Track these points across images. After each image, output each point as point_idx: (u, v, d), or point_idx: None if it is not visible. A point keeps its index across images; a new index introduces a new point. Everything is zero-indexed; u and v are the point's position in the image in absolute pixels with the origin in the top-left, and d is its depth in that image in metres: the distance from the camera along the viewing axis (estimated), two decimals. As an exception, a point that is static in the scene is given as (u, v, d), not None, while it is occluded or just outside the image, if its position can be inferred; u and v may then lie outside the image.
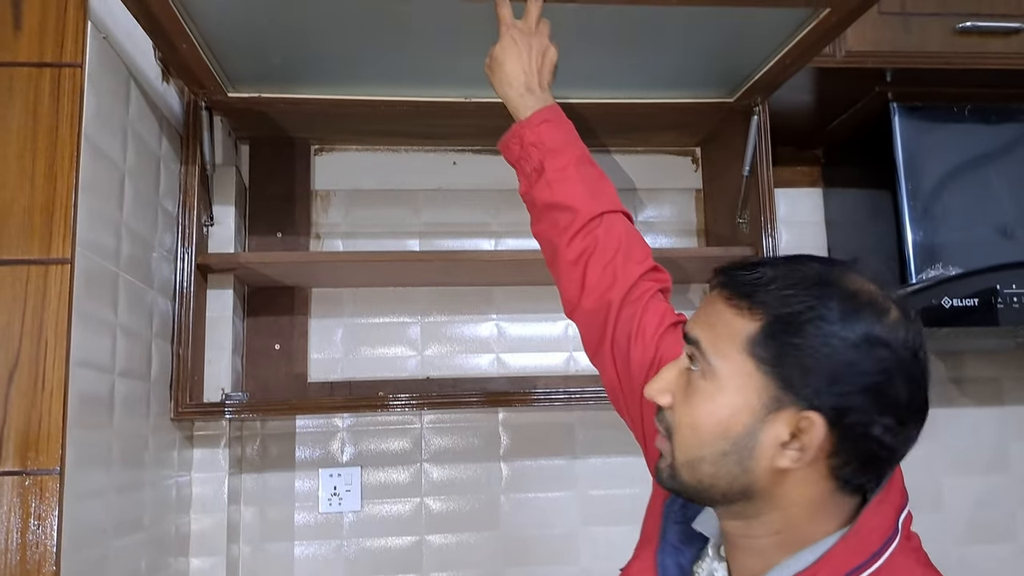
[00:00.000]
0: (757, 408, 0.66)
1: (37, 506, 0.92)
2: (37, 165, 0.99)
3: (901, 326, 0.65)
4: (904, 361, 0.64)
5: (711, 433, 0.68)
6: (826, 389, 0.63)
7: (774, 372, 0.65)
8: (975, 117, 1.60)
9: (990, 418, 1.80)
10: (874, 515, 0.67)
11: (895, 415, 0.64)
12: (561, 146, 1.03)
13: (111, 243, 1.11)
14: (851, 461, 0.65)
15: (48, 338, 0.96)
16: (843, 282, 0.66)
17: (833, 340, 0.63)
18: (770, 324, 0.66)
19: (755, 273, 0.68)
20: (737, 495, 0.69)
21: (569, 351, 1.72)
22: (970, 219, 1.56)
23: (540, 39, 1.06)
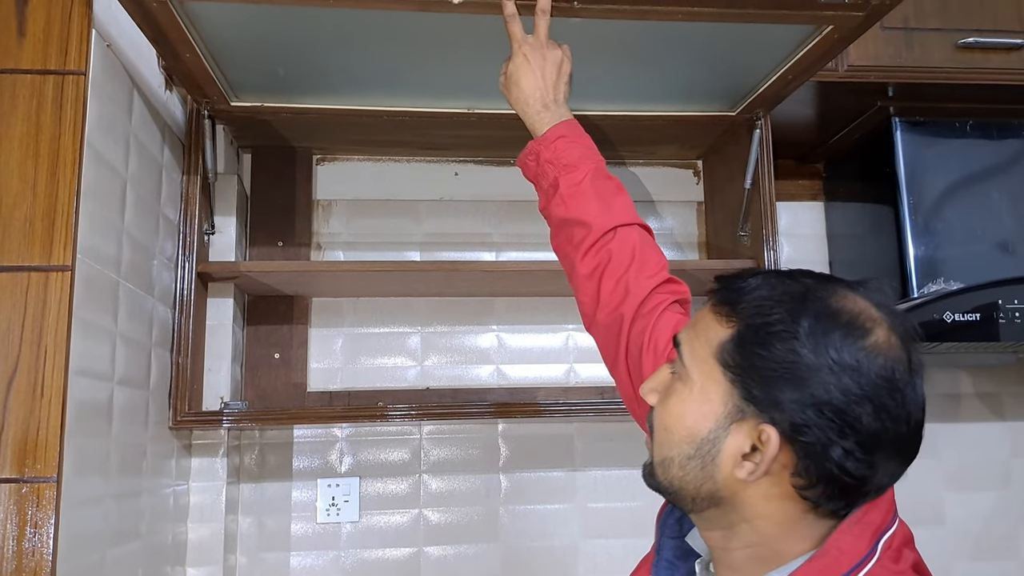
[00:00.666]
0: (721, 416, 0.66)
1: (34, 514, 0.92)
2: (39, 172, 0.99)
3: (880, 353, 0.63)
4: (873, 388, 0.62)
5: (679, 435, 0.69)
6: (785, 404, 0.63)
7: (738, 381, 0.66)
8: (976, 132, 1.60)
9: (991, 433, 1.79)
10: (845, 536, 0.65)
11: (858, 442, 0.62)
12: (576, 161, 1.03)
13: (112, 251, 1.11)
14: (815, 483, 0.64)
15: (48, 345, 0.95)
16: (827, 299, 0.65)
17: (795, 356, 0.63)
18: (740, 332, 0.66)
19: (744, 282, 0.69)
20: (705, 501, 0.69)
21: (569, 363, 1.72)
22: (971, 234, 1.56)
23: (553, 52, 1.05)
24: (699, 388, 0.68)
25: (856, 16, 1.09)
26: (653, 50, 1.21)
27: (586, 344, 1.72)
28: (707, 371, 0.68)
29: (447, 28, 1.12)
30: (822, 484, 0.63)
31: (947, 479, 1.77)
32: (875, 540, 0.65)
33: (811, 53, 1.18)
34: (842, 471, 0.62)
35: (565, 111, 1.07)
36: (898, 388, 0.62)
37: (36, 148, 0.99)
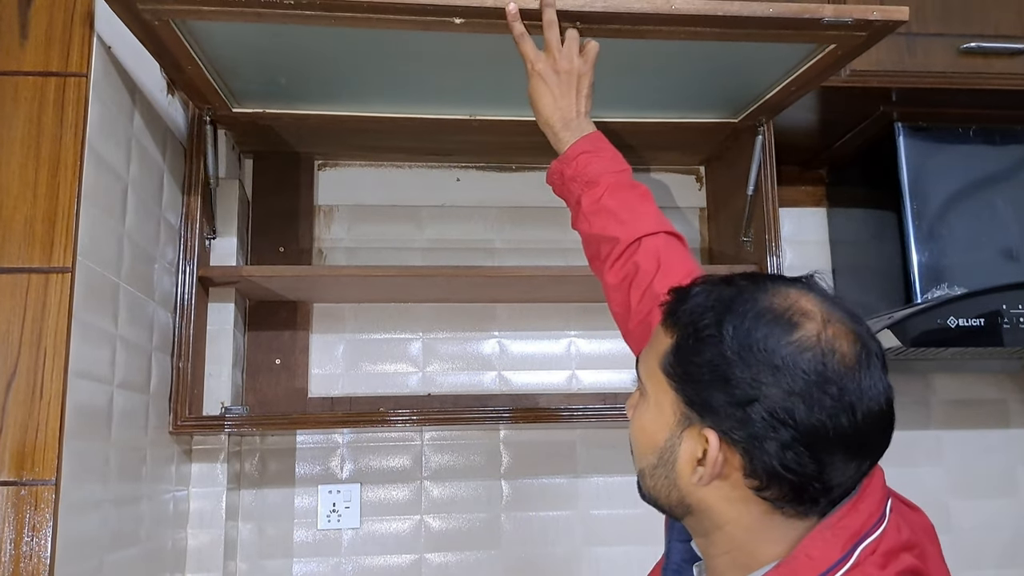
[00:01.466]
0: (673, 424, 0.68)
1: (32, 517, 0.91)
2: (40, 174, 0.99)
3: (808, 348, 0.63)
4: (803, 383, 0.62)
5: (643, 446, 0.72)
6: (718, 407, 0.64)
7: (680, 389, 0.68)
8: (980, 138, 1.60)
9: (997, 440, 1.78)
10: (815, 542, 0.65)
11: (795, 439, 0.62)
12: (597, 176, 1.03)
13: (112, 254, 1.11)
14: (767, 484, 0.64)
15: (47, 347, 0.95)
16: (756, 300, 0.66)
17: (721, 359, 0.64)
18: (677, 342, 0.69)
19: (687, 292, 0.71)
20: (678, 509, 0.71)
21: (572, 369, 1.71)
22: (975, 240, 1.55)
23: (567, 67, 1.03)
24: (653, 400, 0.71)
25: (859, 36, 1.09)
26: (655, 62, 1.22)
27: (588, 350, 1.71)
28: (656, 382, 0.70)
29: (449, 38, 1.12)
30: (775, 484, 0.64)
31: (952, 486, 1.75)
32: (850, 546, 0.64)
33: (814, 67, 1.19)
34: (787, 469, 0.63)
35: (586, 125, 1.05)
36: (831, 381, 0.62)
37: (37, 150, 0.99)
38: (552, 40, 1.03)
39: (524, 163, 1.73)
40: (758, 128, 1.46)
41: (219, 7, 1.00)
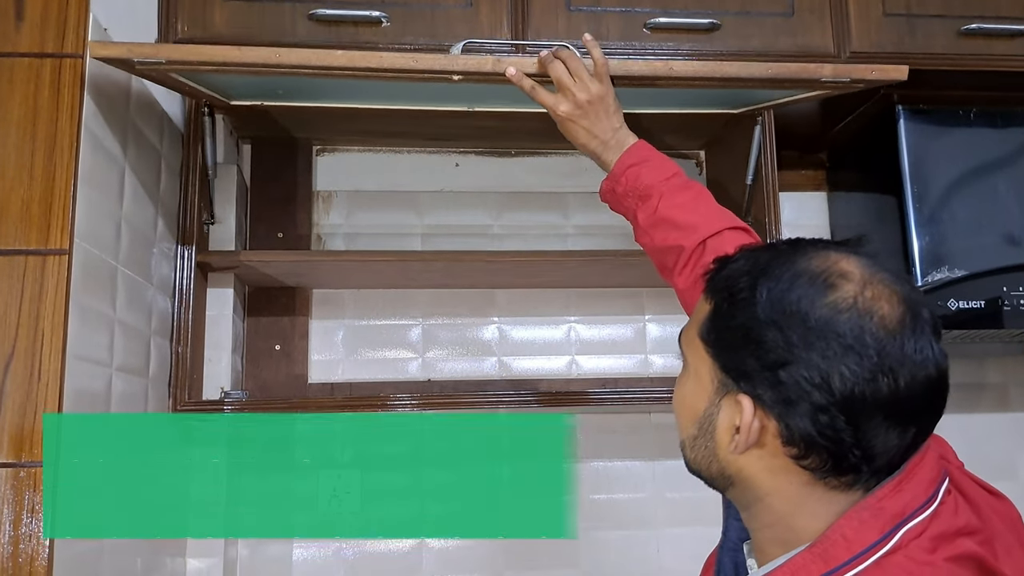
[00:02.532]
0: (711, 392, 0.67)
1: (31, 498, 0.91)
2: (36, 155, 0.98)
3: (845, 309, 0.60)
4: (838, 346, 0.60)
5: (684, 417, 0.72)
6: (752, 372, 0.63)
7: (716, 355, 0.67)
8: (981, 121, 1.59)
9: (998, 425, 1.78)
10: (851, 521, 0.62)
11: (832, 403, 0.60)
12: (648, 188, 1.02)
13: (110, 237, 1.11)
14: (806, 451, 0.62)
15: (45, 329, 0.95)
16: (792, 262, 0.64)
17: (754, 322, 0.63)
18: (714, 308, 0.68)
19: (728, 259, 0.70)
20: (719, 480, 0.70)
21: (572, 354, 1.71)
22: (976, 223, 1.55)
23: (587, 96, 1.04)
24: (693, 370, 0.70)
25: (857, 85, 1.15)
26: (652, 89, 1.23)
27: (588, 336, 1.71)
28: (695, 351, 0.70)
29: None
30: (813, 452, 0.62)
31: (952, 471, 1.75)
32: (891, 527, 0.61)
33: (814, 96, 1.25)
34: (822, 435, 0.61)
35: (626, 138, 1.06)
36: (867, 344, 0.59)
37: (33, 131, 0.99)
38: (564, 79, 1.04)
39: (524, 148, 1.72)
40: (757, 116, 1.46)
41: (218, 66, 1.07)
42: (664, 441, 1.67)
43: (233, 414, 1.33)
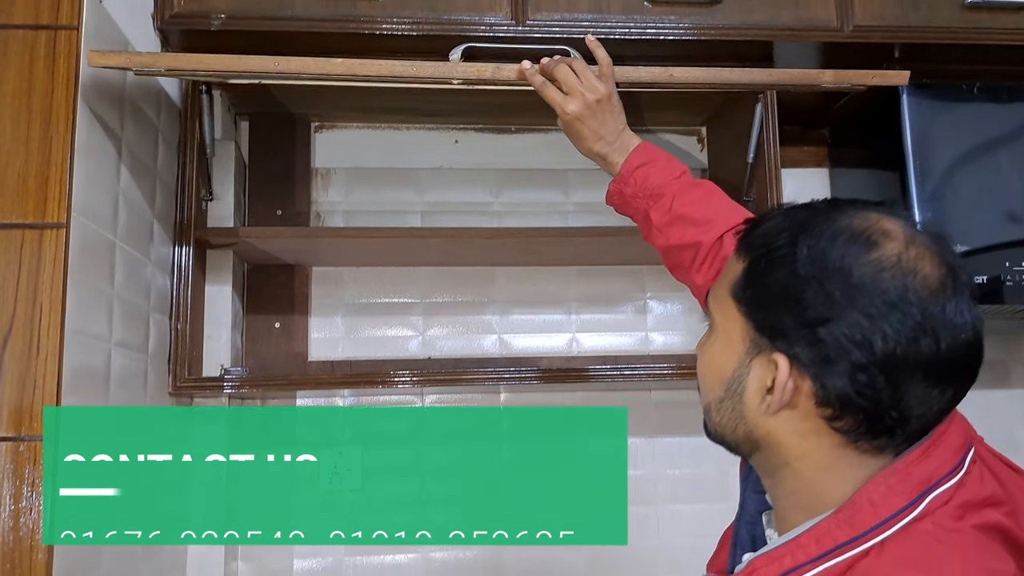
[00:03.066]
0: (742, 353, 0.66)
1: (31, 472, 0.91)
2: (32, 128, 0.97)
3: (887, 268, 0.59)
4: (881, 304, 0.58)
5: (710, 380, 0.70)
6: (788, 330, 0.61)
7: (749, 313, 0.65)
8: (984, 96, 1.57)
9: (998, 401, 1.78)
10: (878, 487, 0.61)
11: (871, 362, 0.58)
12: (659, 187, 1.02)
13: (108, 212, 1.10)
14: (841, 412, 0.61)
15: (43, 303, 0.94)
16: (832, 220, 0.63)
17: (794, 278, 0.61)
18: (749, 265, 0.66)
19: (762, 218, 0.68)
20: (745, 444, 0.68)
21: (572, 332, 1.70)
22: (979, 200, 1.54)
23: (595, 96, 1.05)
24: (722, 330, 0.68)
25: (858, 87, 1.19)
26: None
27: (589, 314, 1.71)
28: (726, 311, 0.68)
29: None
30: (848, 413, 0.61)
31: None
32: (918, 493, 0.61)
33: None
34: (860, 395, 0.59)
35: (630, 139, 1.06)
36: (911, 303, 0.58)
37: (29, 103, 0.98)
38: (571, 80, 1.05)
39: (523, 124, 1.71)
40: (759, 92, 1.45)
41: (215, 73, 1.10)
42: (664, 418, 1.67)
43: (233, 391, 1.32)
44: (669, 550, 1.62)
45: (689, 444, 1.66)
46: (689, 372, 1.45)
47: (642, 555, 1.61)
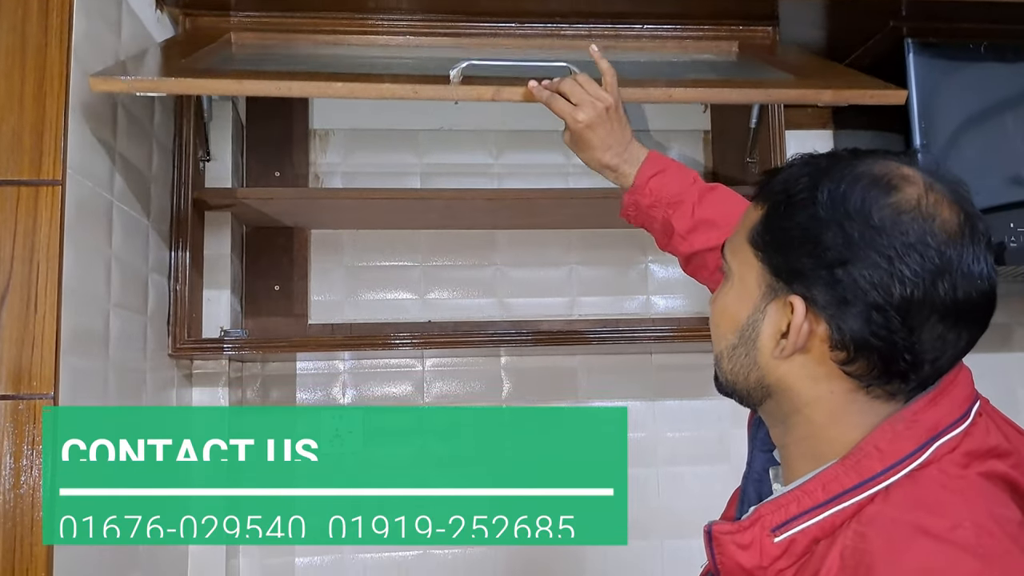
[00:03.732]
0: (757, 298, 0.66)
1: (31, 431, 0.91)
2: (26, 84, 0.96)
3: (907, 211, 0.59)
4: (901, 246, 0.59)
5: (724, 327, 0.70)
6: (806, 272, 0.62)
7: (766, 258, 0.65)
8: (991, 55, 1.55)
9: (998, 363, 1.78)
10: (885, 434, 0.62)
11: (888, 303, 0.59)
12: (677, 195, 1.02)
13: (104, 170, 1.08)
14: (855, 355, 0.61)
15: (40, 262, 0.93)
16: (853, 165, 0.63)
17: (813, 221, 0.62)
18: (768, 211, 0.66)
19: (780, 168, 0.68)
20: (757, 392, 0.68)
21: (573, 295, 1.70)
22: (984, 162, 1.52)
23: (603, 106, 1.04)
24: (737, 277, 0.69)
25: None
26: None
27: (589, 276, 1.70)
28: (743, 258, 0.68)
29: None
30: (862, 355, 0.61)
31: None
32: (925, 440, 0.61)
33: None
34: (875, 336, 0.59)
35: (638, 150, 1.06)
36: (930, 246, 0.58)
37: (22, 60, 0.96)
38: (577, 92, 1.05)
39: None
40: (764, 48, 1.43)
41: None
42: (665, 381, 1.67)
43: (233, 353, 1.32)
44: (669, 511, 1.63)
45: (690, 407, 1.66)
46: (690, 335, 1.45)
47: (643, 517, 1.62)
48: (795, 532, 0.61)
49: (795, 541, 0.61)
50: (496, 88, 1.11)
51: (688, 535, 0.84)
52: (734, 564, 0.63)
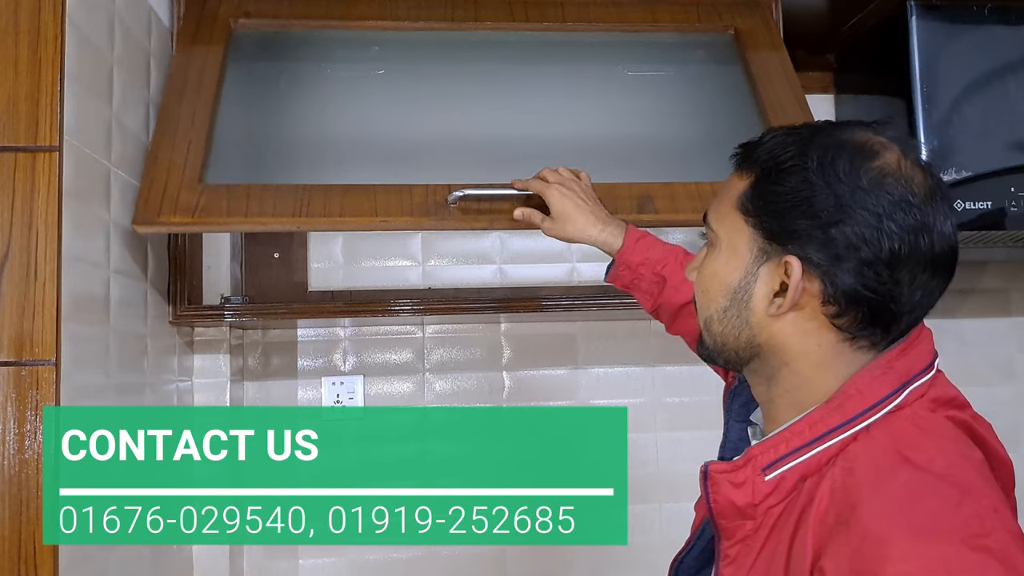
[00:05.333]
0: (749, 262, 0.70)
1: (33, 396, 0.91)
2: (20, 49, 0.95)
3: (889, 173, 0.65)
4: (887, 204, 0.64)
5: (714, 291, 0.73)
6: (801, 232, 0.66)
7: (759, 223, 0.69)
8: (995, 17, 1.54)
9: (998, 329, 1.78)
10: (863, 379, 0.67)
11: (877, 257, 0.64)
12: (663, 253, 1.09)
13: (101, 136, 1.08)
14: (845, 308, 0.66)
15: (39, 228, 0.93)
16: (834, 134, 0.68)
17: (805, 184, 0.66)
18: (757, 177, 0.70)
19: (760, 139, 0.72)
20: (746, 351, 0.72)
21: (572, 262, 1.70)
22: (987, 125, 1.51)
23: (577, 181, 1.15)
24: (726, 243, 0.72)
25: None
26: None
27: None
28: (731, 224, 0.72)
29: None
30: (852, 308, 0.66)
31: (951, 374, 1.76)
32: (899, 384, 0.66)
33: None
34: (866, 288, 0.64)
35: (619, 222, 1.13)
36: (912, 204, 0.64)
37: (16, 23, 0.95)
38: (543, 173, 1.15)
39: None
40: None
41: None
42: (664, 347, 1.68)
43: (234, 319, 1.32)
44: (668, 476, 1.64)
45: (688, 372, 1.67)
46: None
47: (641, 482, 1.64)
48: (784, 470, 0.66)
49: (784, 479, 0.66)
50: (491, 218, 1.18)
51: (686, 498, 0.85)
52: (727, 502, 0.68)
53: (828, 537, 0.60)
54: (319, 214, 1.14)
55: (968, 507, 0.58)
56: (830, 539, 0.59)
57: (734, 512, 0.68)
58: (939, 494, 0.59)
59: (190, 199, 1.13)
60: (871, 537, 0.57)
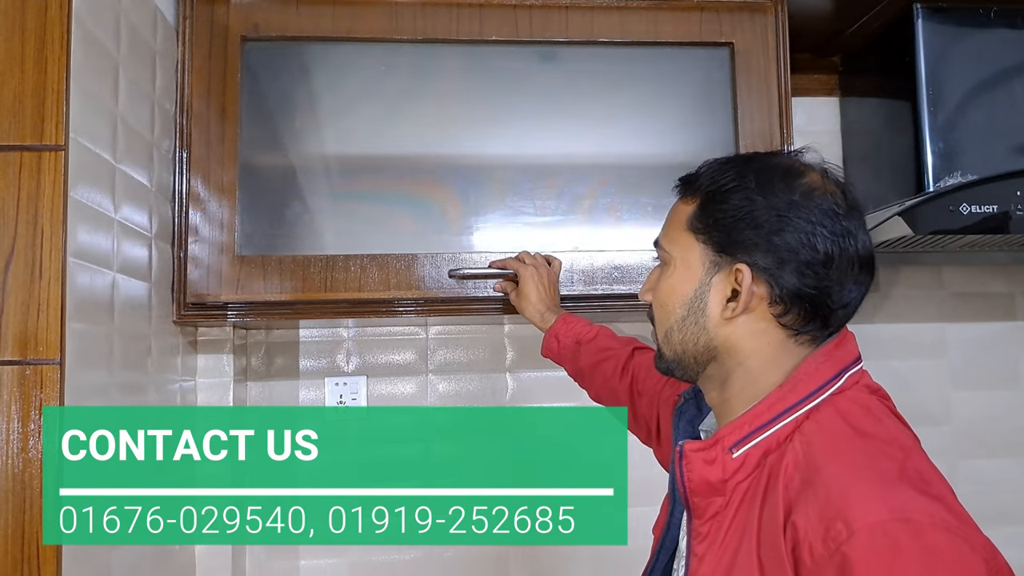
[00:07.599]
0: (701, 274, 0.80)
1: (37, 395, 0.91)
2: (26, 48, 0.95)
3: (816, 188, 0.77)
4: (818, 214, 0.76)
5: (672, 304, 0.83)
6: (748, 243, 0.77)
7: (708, 239, 0.80)
8: (1001, 20, 1.54)
9: (1001, 333, 1.78)
10: (809, 366, 0.77)
11: (815, 259, 0.75)
12: (587, 327, 1.28)
13: (106, 134, 1.08)
14: (790, 307, 0.77)
15: (44, 227, 0.93)
16: (766, 159, 0.81)
17: (748, 201, 0.77)
18: (703, 200, 0.81)
19: (698, 170, 0.84)
20: (703, 356, 0.82)
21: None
22: (992, 128, 1.51)
23: (547, 271, 1.34)
24: (680, 260, 0.82)
25: None
26: None
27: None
28: (683, 244, 0.82)
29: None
30: (795, 306, 0.77)
31: (954, 378, 1.76)
32: (840, 369, 0.77)
33: None
34: (807, 286, 0.76)
35: (559, 308, 1.33)
36: (839, 214, 0.77)
37: (22, 22, 0.95)
38: (519, 254, 1.35)
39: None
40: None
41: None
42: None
43: (238, 319, 1.32)
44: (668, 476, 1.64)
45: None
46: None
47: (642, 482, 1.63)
48: (749, 447, 0.75)
49: (749, 455, 0.75)
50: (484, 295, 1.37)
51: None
52: (700, 479, 0.76)
53: (796, 497, 0.68)
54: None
55: (911, 464, 0.69)
56: (798, 498, 0.68)
57: (706, 488, 0.75)
58: (888, 454, 0.70)
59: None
60: (835, 489, 0.66)
